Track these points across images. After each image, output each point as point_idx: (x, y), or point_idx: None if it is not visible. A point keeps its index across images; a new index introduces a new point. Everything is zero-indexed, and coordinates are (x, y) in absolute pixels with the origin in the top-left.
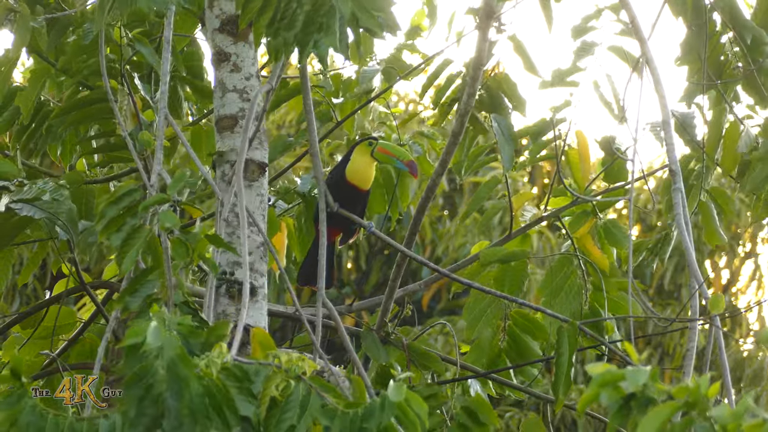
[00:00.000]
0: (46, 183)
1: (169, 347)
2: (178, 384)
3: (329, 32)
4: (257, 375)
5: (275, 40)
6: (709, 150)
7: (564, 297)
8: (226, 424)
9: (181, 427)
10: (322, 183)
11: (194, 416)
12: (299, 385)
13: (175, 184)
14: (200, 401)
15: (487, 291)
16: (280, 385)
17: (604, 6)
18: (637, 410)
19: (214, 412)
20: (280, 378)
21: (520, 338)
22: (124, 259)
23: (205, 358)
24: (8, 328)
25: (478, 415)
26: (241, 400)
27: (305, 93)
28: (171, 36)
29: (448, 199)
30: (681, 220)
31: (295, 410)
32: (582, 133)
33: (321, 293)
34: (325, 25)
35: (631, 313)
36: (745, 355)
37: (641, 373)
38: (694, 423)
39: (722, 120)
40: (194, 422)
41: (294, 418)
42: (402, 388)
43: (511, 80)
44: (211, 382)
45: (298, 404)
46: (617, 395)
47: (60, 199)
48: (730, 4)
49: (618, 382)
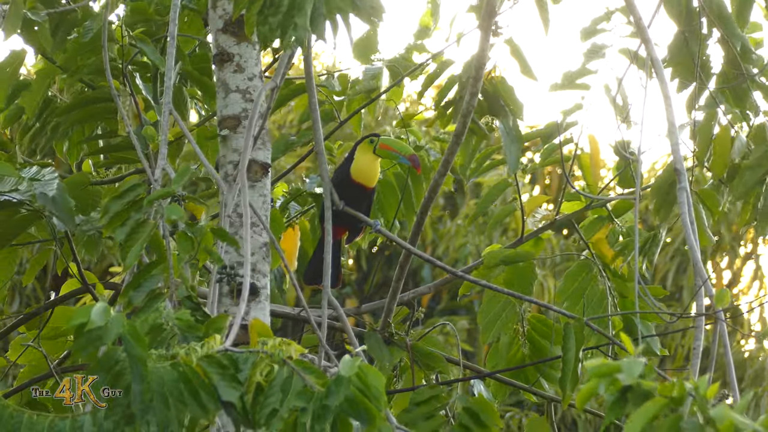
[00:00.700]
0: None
1: (116, 325)
2: (136, 365)
3: (301, 13)
4: (245, 362)
5: (263, 27)
6: (699, 154)
7: (585, 303)
8: (204, 409)
9: (149, 410)
10: (328, 181)
11: (164, 400)
12: (283, 368)
13: (179, 178)
14: (174, 386)
15: (504, 291)
16: (264, 371)
17: (615, 8)
18: (633, 403)
19: (190, 397)
20: (265, 363)
21: (541, 344)
22: (128, 253)
23: (185, 347)
24: (14, 329)
25: (480, 416)
26: (224, 386)
27: (310, 91)
28: (176, 32)
29: (449, 199)
30: (686, 219)
31: (278, 394)
32: (594, 137)
33: (326, 292)
34: (299, 7)
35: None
36: (747, 356)
37: (637, 364)
38: (681, 420)
39: (712, 124)
40: (166, 406)
41: (277, 402)
42: (354, 363)
43: (507, 84)
44: (187, 368)
45: (279, 388)
46: (614, 388)
47: (49, 193)
48: (719, 10)
49: (614, 374)
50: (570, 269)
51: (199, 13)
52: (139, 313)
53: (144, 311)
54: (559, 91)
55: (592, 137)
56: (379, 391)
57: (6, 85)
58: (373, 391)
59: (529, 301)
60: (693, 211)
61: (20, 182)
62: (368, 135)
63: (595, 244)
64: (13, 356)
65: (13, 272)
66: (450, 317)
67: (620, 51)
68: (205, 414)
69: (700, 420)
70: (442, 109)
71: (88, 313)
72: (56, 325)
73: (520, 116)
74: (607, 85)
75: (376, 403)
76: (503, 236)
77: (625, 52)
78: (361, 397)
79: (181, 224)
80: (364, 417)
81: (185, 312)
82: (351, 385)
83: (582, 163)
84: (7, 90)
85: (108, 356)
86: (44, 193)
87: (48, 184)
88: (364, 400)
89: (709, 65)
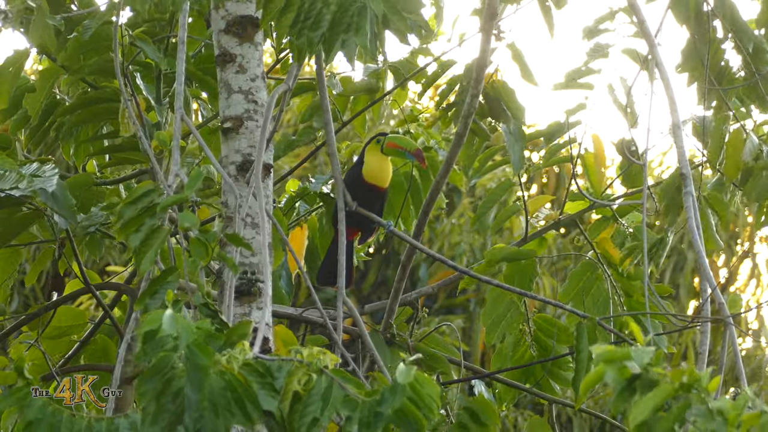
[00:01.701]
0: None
1: (186, 334)
2: (197, 374)
3: (360, 32)
4: (279, 370)
5: (299, 39)
6: (711, 156)
7: (590, 302)
8: (249, 418)
9: (202, 420)
10: (341, 182)
11: (215, 409)
12: (321, 378)
13: (192, 183)
14: (222, 395)
15: (513, 290)
16: (302, 379)
17: (618, 8)
18: (641, 392)
19: (236, 406)
20: (302, 372)
21: (549, 345)
22: (143, 259)
23: (226, 354)
24: (16, 329)
25: (480, 415)
26: (264, 395)
27: (322, 92)
28: (185, 37)
29: (445, 197)
30: (692, 224)
31: (318, 403)
32: (597, 137)
33: (341, 293)
34: (356, 25)
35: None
36: (744, 354)
37: (646, 352)
38: (690, 407)
39: (724, 127)
40: (216, 415)
41: (317, 411)
42: (411, 370)
43: (509, 87)
44: (232, 377)
45: (320, 397)
46: (622, 376)
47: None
48: (731, 12)
49: (623, 361)
50: (574, 269)
51: (202, 13)
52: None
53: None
54: (562, 90)
55: (596, 137)
56: (433, 402)
57: (9, 85)
58: (427, 401)
59: (536, 298)
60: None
61: (21, 179)
62: (376, 135)
63: (600, 244)
64: (15, 356)
65: (15, 272)
66: (446, 316)
67: (623, 51)
68: (250, 423)
69: (708, 407)
70: (443, 111)
71: (159, 320)
72: (58, 324)
73: (521, 120)
74: (611, 85)
75: (428, 414)
76: (496, 235)
77: (629, 52)
78: (412, 408)
79: (195, 231)
80: (413, 428)
81: (204, 321)
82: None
83: (586, 163)
84: (10, 90)
85: (164, 362)
86: (44, 188)
87: (48, 180)
88: (415, 410)
89: (729, 69)
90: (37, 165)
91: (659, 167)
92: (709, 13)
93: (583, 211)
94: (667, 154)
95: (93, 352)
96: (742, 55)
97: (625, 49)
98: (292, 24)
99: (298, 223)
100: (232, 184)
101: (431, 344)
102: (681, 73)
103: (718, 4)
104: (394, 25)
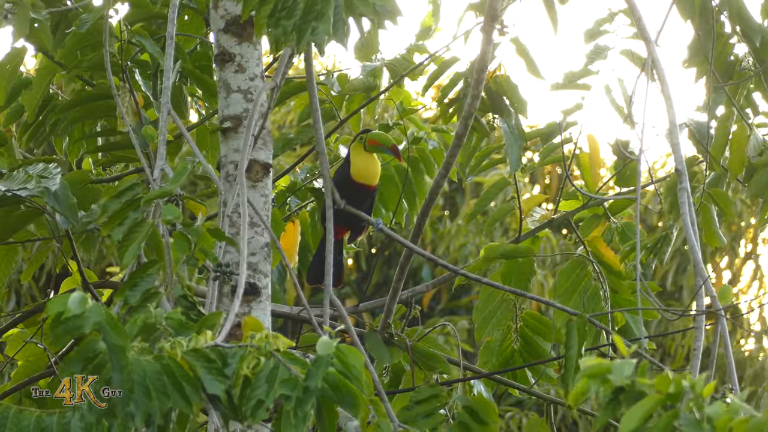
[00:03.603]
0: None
1: (94, 314)
2: (115, 354)
3: (323, 18)
4: (233, 357)
5: (275, 30)
6: (715, 153)
7: (578, 299)
8: (187, 401)
9: (131, 401)
10: (329, 180)
11: (147, 391)
12: (269, 360)
13: (177, 177)
14: (157, 378)
15: (504, 288)
16: (251, 363)
17: (618, 10)
18: (626, 404)
19: (173, 389)
20: (252, 356)
21: (533, 340)
22: (126, 252)
23: (171, 341)
24: (12, 326)
25: (480, 414)
26: (209, 380)
27: (311, 90)
28: (174, 32)
29: (448, 199)
30: (687, 219)
31: (264, 386)
32: (593, 137)
33: (328, 291)
34: (320, 12)
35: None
36: (746, 355)
37: (627, 365)
38: (678, 416)
39: (729, 123)
40: (147, 397)
41: (263, 393)
42: (331, 343)
43: (512, 82)
44: (171, 361)
45: (265, 379)
46: (607, 389)
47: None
48: (738, 6)
49: (605, 375)
50: (564, 266)
51: (200, 12)
52: (133, 313)
53: (138, 310)
54: (560, 90)
55: (592, 137)
56: (359, 370)
57: (6, 83)
58: (354, 372)
59: (529, 297)
60: (695, 212)
61: (29, 180)
62: (359, 134)
63: (591, 242)
64: (9, 353)
65: (12, 271)
66: (450, 317)
67: (622, 52)
68: (189, 406)
69: (696, 416)
70: (444, 106)
71: (65, 302)
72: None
73: (524, 114)
74: (608, 86)
75: (358, 384)
76: (504, 236)
77: (627, 54)
78: (342, 379)
79: (178, 225)
80: (348, 400)
81: (176, 311)
82: (332, 367)
83: (581, 163)
84: (8, 88)
85: (87, 346)
86: (47, 188)
87: (52, 179)
88: (345, 381)
89: (738, 63)
90: (43, 165)
91: (662, 169)
92: (716, 8)
93: (577, 209)
94: (671, 156)
95: None
96: (748, 48)
97: (624, 50)
98: (269, 14)
99: (289, 218)
100: (218, 182)
101: (430, 345)
102: (688, 68)
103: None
104: (359, 10)
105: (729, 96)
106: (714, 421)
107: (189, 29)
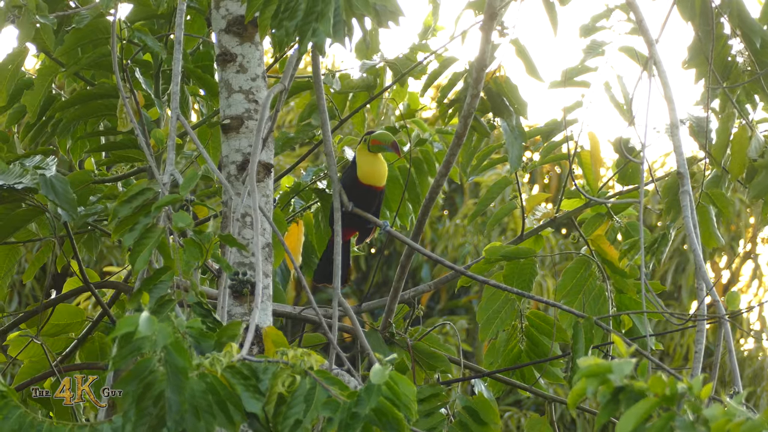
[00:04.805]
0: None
1: (163, 336)
2: (177, 377)
3: (324, 19)
4: (265, 372)
5: (279, 31)
6: (716, 154)
7: (583, 299)
8: (231, 420)
9: (183, 422)
10: (337, 182)
11: (196, 412)
12: (305, 380)
13: (187, 183)
14: (203, 397)
15: (507, 288)
16: (287, 381)
17: (615, 6)
18: (625, 404)
19: (218, 409)
20: (287, 374)
21: (539, 340)
22: (138, 258)
23: (210, 356)
24: (14, 326)
25: (480, 414)
26: (248, 397)
27: (319, 93)
28: (182, 37)
29: (448, 199)
30: (689, 223)
31: (301, 405)
32: (594, 135)
33: (337, 292)
34: (321, 13)
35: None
36: (746, 355)
37: (627, 365)
38: (674, 418)
39: (730, 124)
40: (197, 418)
41: (300, 412)
42: (384, 371)
43: (512, 83)
44: (214, 379)
45: (303, 399)
46: (606, 389)
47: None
48: (738, 8)
49: (605, 375)
50: (569, 266)
51: (202, 12)
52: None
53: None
54: (559, 88)
55: (593, 135)
56: (410, 400)
57: (8, 83)
58: (404, 400)
59: (532, 298)
60: (696, 214)
61: (24, 173)
62: (363, 136)
63: (594, 241)
64: (12, 354)
65: (13, 270)
66: (449, 317)
67: (620, 49)
68: (233, 426)
69: (690, 418)
70: (444, 106)
71: (135, 323)
72: (57, 322)
73: (524, 114)
74: (608, 83)
75: (407, 413)
76: (502, 236)
77: (626, 50)
78: (390, 407)
79: (190, 231)
80: (392, 426)
81: (196, 320)
82: (381, 394)
83: (582, 161)
84: (9, 88)
85: (143, 365)
86: (43, 176)
87: (48, 170)
88: (393, 409)
89: (736, 65)
90: (40, 157)
91: (661, 168)
92: (716, 9)
93: (579, 208)
94: (669, 155)
95: (90, 350)
96: (748, 50)
97: (622, 47)
98: (273, 16)
99: (293, 219)
100: (228, 186)
101: (431, 344)
102: (688, 69)
103: (725, 1)
104: (358, 11)
105: (729, 96)
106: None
107: (191, 29)
